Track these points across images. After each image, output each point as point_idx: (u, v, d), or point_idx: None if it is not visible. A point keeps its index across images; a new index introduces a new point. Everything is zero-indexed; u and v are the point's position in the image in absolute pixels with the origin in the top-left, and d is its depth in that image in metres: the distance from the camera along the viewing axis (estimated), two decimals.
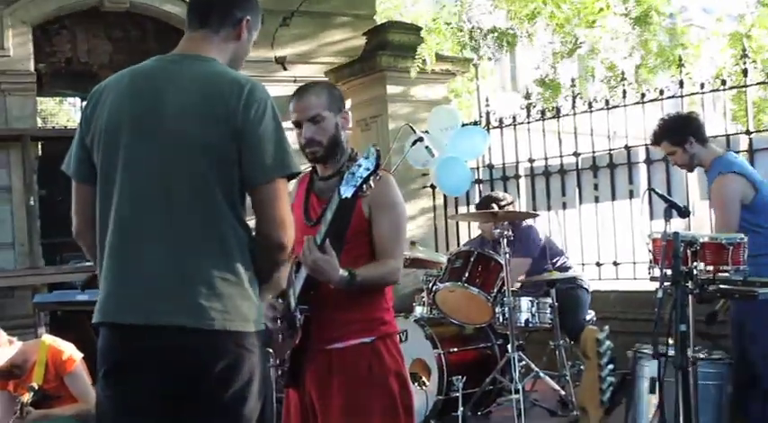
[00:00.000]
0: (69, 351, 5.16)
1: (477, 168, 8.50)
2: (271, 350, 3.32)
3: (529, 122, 8.10)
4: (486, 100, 8.99)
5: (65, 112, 20.95)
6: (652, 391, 4.20)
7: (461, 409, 5.38)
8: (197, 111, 2.56)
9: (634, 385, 4.21)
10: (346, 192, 2.91)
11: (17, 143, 7.97)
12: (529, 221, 6.50)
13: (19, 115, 8.10)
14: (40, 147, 8.78)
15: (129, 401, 2.58)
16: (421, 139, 6.73)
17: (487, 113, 8.60)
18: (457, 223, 8.55)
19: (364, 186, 2.91)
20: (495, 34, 11.73)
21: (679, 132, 4.99)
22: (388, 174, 3.39)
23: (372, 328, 3.28)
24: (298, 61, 9.18)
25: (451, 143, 7.20)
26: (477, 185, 8.50)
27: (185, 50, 2.76)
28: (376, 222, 3.26)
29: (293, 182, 3.09)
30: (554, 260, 6.33)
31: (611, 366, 2.86)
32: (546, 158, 7.93)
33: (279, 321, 3.28)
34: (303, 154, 3.34)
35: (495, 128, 8.43)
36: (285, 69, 9.02)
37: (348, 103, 7.15)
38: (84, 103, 11.35)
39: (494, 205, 6.30)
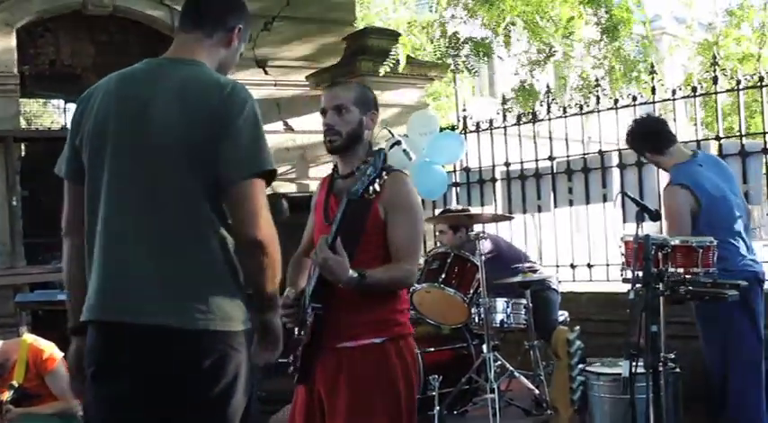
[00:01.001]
0: (50, 350, 5.20)
1: (454, 171, 8.61)
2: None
3: (505, 127, 8.23)
4: (464, 104, 9.12)
5: (48, 113, 20.88)
6: (624, 391, 4.32)
7: (437, 408, 5.47)
8: (181, 113, 2.60)
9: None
10: (353, 192, 3.00)
11: (0, 144, 8.01)
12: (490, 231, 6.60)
13: (2, 116, 8.12)
14: (23, 148, 8.82)
15: (116, 401, 2.61)
16: (399, 143, 6.80)
17: (464, 118, 8.74)
18: (434, 226, 8.65)
19: (371, 188, 3.00)
20: (471, 44, 11.87)
21: (636, 148, 5.21)
22: (405, 176, 3.40)
23: (383, 329, 3.27)
24: (278, 65, 9.25)
25: (429, 148, 7.30)
26: (453, 189, 8.61)
27: (176, 54, 2.81)
28: (391, 224, 3.25)
29: (316, 183, 3.13)
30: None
31: (581, 366, 2.94)
32: (522, 162, 8.05)
33: (293, 318, 3.31)
34: (324, 143, 3.39)
35: (471, 132, 8.55)
36: (266, 73, 9.11)
37: None
38: (69, 105, 11.45)
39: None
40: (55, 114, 20.49)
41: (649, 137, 5.06)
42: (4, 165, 8.00)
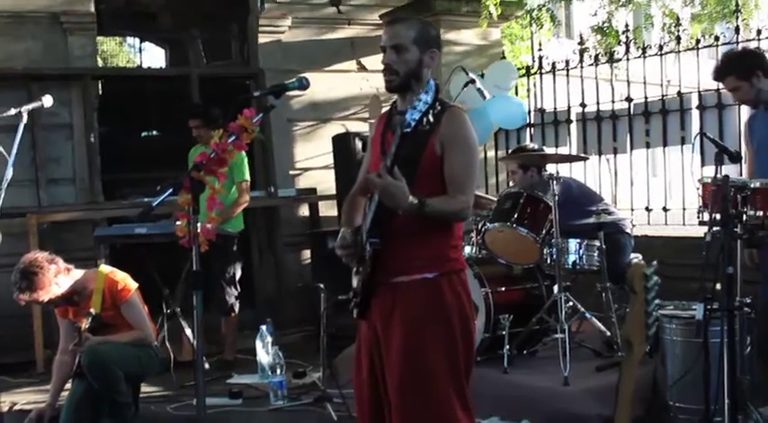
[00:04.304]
0: (126, 281, 5.31)
1: (529, 113, 8.50)
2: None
3: (582, 67, 8.07)
4: (540, 45, 8.96)
5: (124, 53, 21.15)
6: (697, 335, 4.26)
7: (507, 347, 5.48)
8: None
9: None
10: (406, 124, 2.99)
11: (78, 82, 8.12)
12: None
13: (80, 54, 8.23)
14: (100, 86, 8.94)
15: None
16: (473, 82, 6.76)
17: (540, 58, 8.59)
18: (506, 166, 8.58)
19: (424, 119, 2.99)
20: None
21: (746, 66, 4.88)
22: (462, 110, 3.35)
23: (437, 265, 3.24)
24: (353, 4, 9.18)
25: (489, 106, 7.17)
26: (528, 129, 8.51)
27: None
28: (447, 158, 3.21)
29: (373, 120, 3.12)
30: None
31: (657, 301, 2.90)
32: (598, 104, 7.90)
33: (351, 256, 3.31)
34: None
35: (547, 73, 8.41)
36: (340, 12, 9.05)
37: None
38: (144, 44, 11.50)
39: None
40: (130, 54, 20.73)
41: (761, 57, 4.89)
42: (81, 102, 8.12)
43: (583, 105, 8.04)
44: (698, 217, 4.38)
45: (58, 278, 5.11)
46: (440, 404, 3.17)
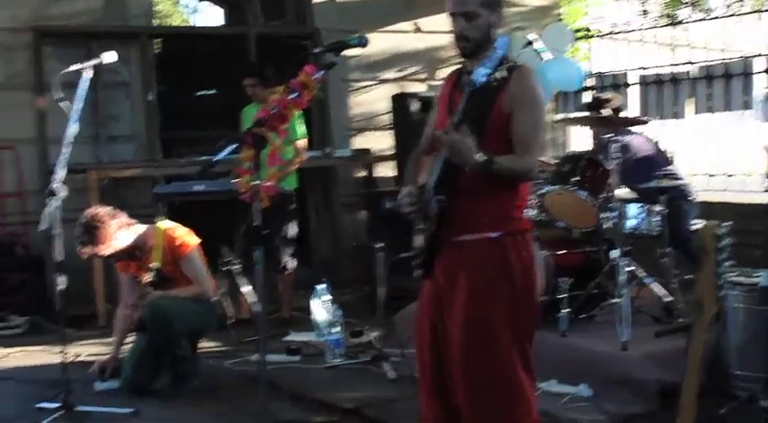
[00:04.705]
0: (186, 237, 5.35)
1: (587, 76, 8.38)
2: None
3: (642, 29, 7.93)
4: (599, 7, 8.82)
5: (178, 13, 21.33)
6: (761, 302, 4.19)
7: (565, 310, 5.45)
8: None
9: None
10: (475, 82, 2.96)
11: (136, 41, 8.15)
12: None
13: (136, 13, 8.26)
14: (156, 44, 8.98)
15: None
16: (531, 43, 6.68)
17: (597, 21, 8.47)
18: (565, 128, 8.51)
19: (492, 76, 2.95)
20: None
21: None
22: (530, 70, 3.30)
23: (502, 224, 3.22)
24: None
25: (547, 68, 7.07)
26: (586, 93, 8.40)
27: None
28: (515, 118, 3.17)
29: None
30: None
31: (728, 263, 2.86)
32: (658, 67, 7.76)
33: (415, 213, 3.28)
34: (456, 48, 3.31)
35: (605, 35, 8.28)
36: None
37: None
38: (200, 4, 11.42)
39: (604, 106, 6.23)
40: (184, 14, 20.86)
41: None
42: (139, 60, 8.16)
43: (643, 69, 7.90)
44: (763, 183, 4.30)
45: (120, 233, 5.16)
46: (503, 364, 3.17)
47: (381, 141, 8.63)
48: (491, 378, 3.17)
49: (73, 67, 4.83)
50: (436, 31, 8.73)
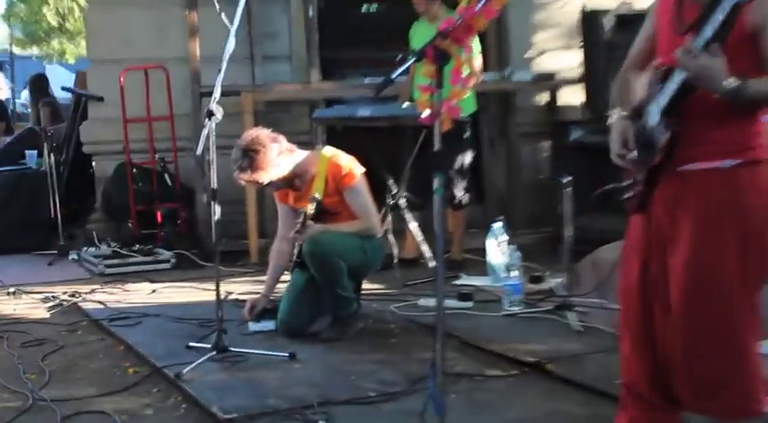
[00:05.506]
0: (350, 165, 5.05)
1: None
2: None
3: None
4: None
5: None
6: None
7: None
8: None
9: None
10: None
11: None
12: None
13: None
14: None
15: None
16: None
17: None
18: None
19: None
20: None
21: None
22: None
23: (735, 152, 2.85)
24: None
25: None
26: None
27: None
28: (765, 36, 2.76)
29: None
30: None
31: None
32: None
33: (631, 139, 2.94)
34: None
35: None
36: None
37: None
38: None
39: None
40: None
41: None
42: None
43: None
44: None
45: (281, 158, 4.90)
46: (728, 310, 2.88)
47: (566, 64, 8.13)
48: (714, 325, 2.89)
49: None
50: None
